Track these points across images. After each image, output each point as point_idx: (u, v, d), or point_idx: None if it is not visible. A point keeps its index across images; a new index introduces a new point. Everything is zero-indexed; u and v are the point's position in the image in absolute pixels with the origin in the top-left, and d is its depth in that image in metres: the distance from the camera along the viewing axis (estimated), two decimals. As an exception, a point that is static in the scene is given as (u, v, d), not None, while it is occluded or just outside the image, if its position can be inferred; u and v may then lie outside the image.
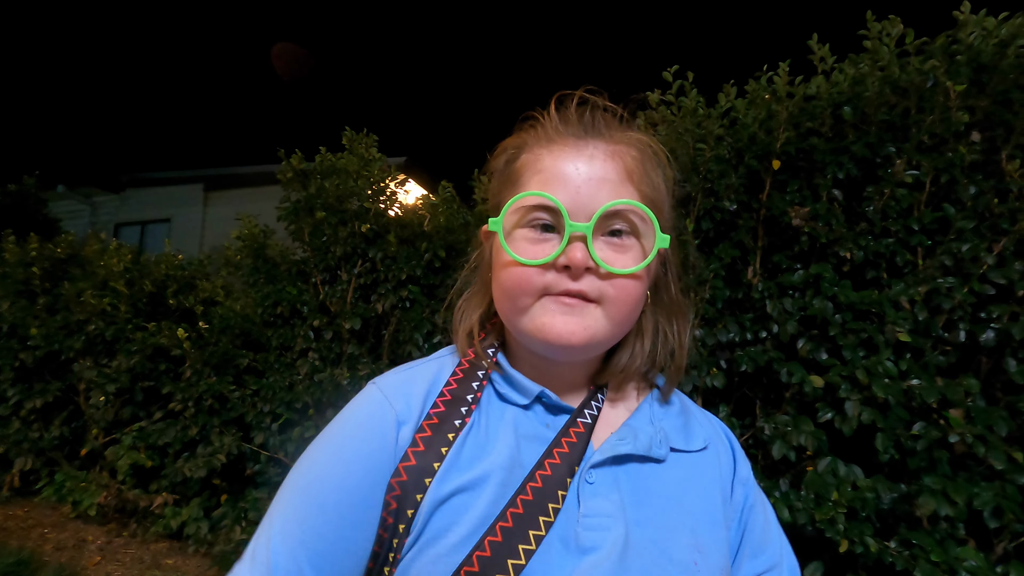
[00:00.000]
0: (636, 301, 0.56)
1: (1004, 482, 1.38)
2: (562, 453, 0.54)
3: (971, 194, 1.58)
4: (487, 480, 0.52)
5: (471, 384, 0.59)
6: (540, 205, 0.54)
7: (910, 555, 1.40)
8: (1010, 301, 1.50)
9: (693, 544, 0.53)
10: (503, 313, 0.59)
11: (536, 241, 0.54)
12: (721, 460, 0.62)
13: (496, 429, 0.57)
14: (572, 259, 0.51)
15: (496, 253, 0.58)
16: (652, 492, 0.55)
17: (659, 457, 0.57)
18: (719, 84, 2.09)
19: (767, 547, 0.60)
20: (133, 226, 11.26)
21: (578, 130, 0.58)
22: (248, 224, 3.25)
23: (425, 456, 0.53)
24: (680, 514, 0.55)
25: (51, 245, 4.20)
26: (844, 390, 1.54)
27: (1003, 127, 1.61)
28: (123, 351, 3.39)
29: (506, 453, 0.54)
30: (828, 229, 1.70)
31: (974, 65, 1.68)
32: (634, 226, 0.55)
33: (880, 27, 1.85)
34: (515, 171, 0.59)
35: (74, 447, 3.72)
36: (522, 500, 0.51)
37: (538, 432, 0.57)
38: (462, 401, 0.57)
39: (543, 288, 0.53)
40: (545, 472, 0.53)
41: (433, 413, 0.56)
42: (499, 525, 0.49)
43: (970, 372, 1.53)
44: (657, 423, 0.61)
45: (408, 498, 0.52)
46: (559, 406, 0.59)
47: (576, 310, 0.53)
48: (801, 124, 1.85)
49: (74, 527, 3.26)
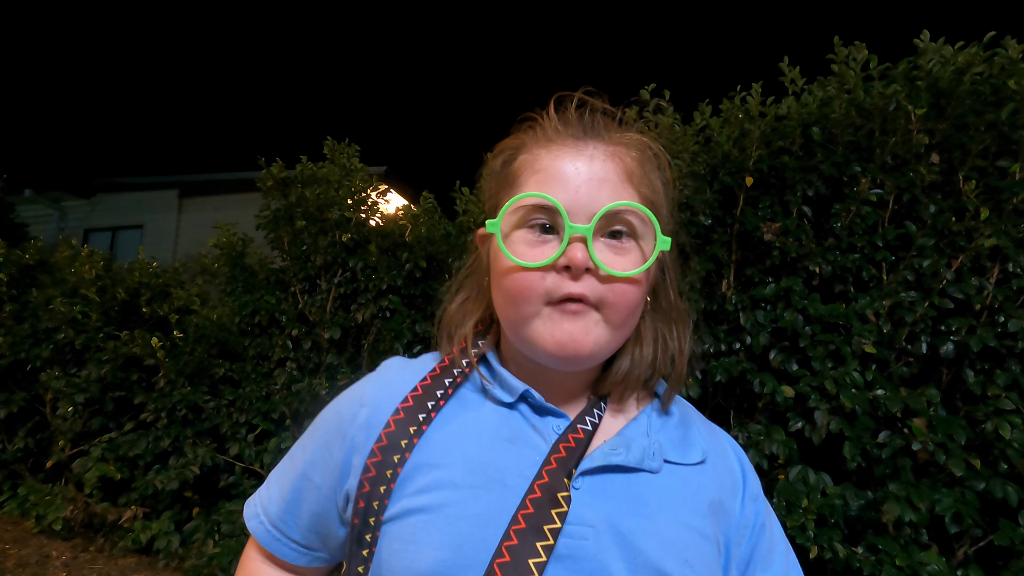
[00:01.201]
0: (635, 305, 0.55)
1: (963, 488, 1.44)
2: (560, 459, 0.53)
3: (931, 212, 1.66)
4: (448, 481, 0.52)
5: (443, 381, 0.59)
6: (539, 206, 0.53)
7: (876, 560, 1.45)
8: (968, 315, 1.58)
9: (683, 559, 0.51)
10: (506, 321, 0.57)
11: (535, 243, 0.53)
12: (721, 476, 0.60)
13: (472, 427, 0.56)
14: (572, 259, 0.50)
15: (495, 257, 0.57)
16: (642, 503, 0.53)
17: (652, 469, 0.55)
18: (694, 103, 2.16)
19: (773, 561, 0.59)
20: (104, 232, 11.00)
21: (577, 131, 0.56)
22: (226, 232, 3.21)
23: (387, 450, 0.55)
24: (671, 527, 0.53)
25: (19, 251, 4.09)
26: (814, 400, 1.60)
27: (960, 150, 1.70)
28: (93, 360, 3.30)
29: (477, 454, 0.54)
30: (798, 244, 1.76)
31: (933, 90, 1.77)
32: (633, 228, 0.54)
33: (847, 52, 1.94)
34: (512, 172, 0.58)
35: (39, 459, 3.60)
36: (520, 521, 0.49)
37: (521, 433, 0.56)
38: (431, 396, 0.58)
39: (545, 294, 0.52)
40: (544, 480, 0.51)
41: (401, 408, 0.57)
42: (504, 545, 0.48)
43: (931, 383, 1.60)
44: (653, 435, 0.59)
45: (375, 489, 0.54)
46: (544, 407, 0.57)
47: (579, 316, 0.52)
48: (773, 143, 1.92)
49: (37, 542, 3.15)
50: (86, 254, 3.88)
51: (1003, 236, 1.52)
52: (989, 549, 1.48)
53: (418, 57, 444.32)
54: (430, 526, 0.50)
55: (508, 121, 0.65)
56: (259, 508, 0.63)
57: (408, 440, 0.55)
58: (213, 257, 3.32)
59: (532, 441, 0.55)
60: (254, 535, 0.63)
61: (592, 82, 0.62)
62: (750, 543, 0.58)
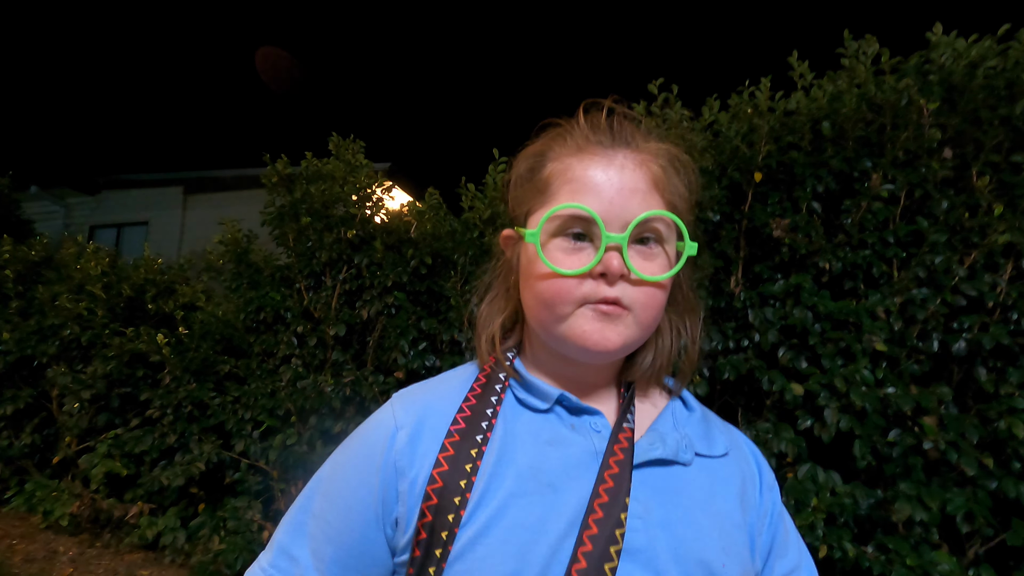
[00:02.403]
0: (661, 305, 0.58)
1: (975, 487, 1.43)
2: (619, 461, 0.55)
3: (943, 208, 1.64)
4: (503, 491, 0.53)
5: (490, 398, 0.60)
6: (576, 216, 0.55)
7: (886, 559, 1.44)
8: (980, 312, 1.56)
9: (721, 546, 0.54)
10: (538, 321, 0.59)
11: (570, 251, 0.55)
12: (742, 467, 0.63)
13: (515, 437, 0.57)
14: (609, 267, 0.53)
15: (529, 262, 0.59)
16: (680, 494, 0.56)
17: (685, 461, 0.58)
18: (703, 97, 2.14)
19: (789, 550, 0.62)
20: (109, 229, 11.02)
21: (607, 138, 0.58)
22: (231, 229, 3.21)
23: (451, 475, 0.54)
24: (707, 516, 0.56)
25: (25, 247, 4.11)
26: (823, 398, 1.58)
27: (973, 144, 1.68)
28: (99, 357, 3.32)
29: (525, 461, 0.55)
30: (807, 241, 1.74)
31: (946, 85, 1.75)
32: (660, 234, 0.57)
33: (857, 46, 1.92)
34: (543, 180, 0.59)
35: (45, 455, 3.62)
36: (589, 537, 0.50)
37: (560, 435, 0.57)
38: (482, 415, 0.58)
39: (582, 298, 0.55)
40: (608, 485, 0.53)
41: (454, 430, 0.57)
42: (575, 568, 0.49)
43: (943, 381, 1.58)
44: (681, 428, 0.62)
45: (442, 517, 0.52)
46: (580, 407, 0.59)
47: (613, 318, 0.55)
48: (782, 138, 1.90)
49: (44, 538, 3.17)
50: (92, 251, 3.90)
51: (1017, 232, 1.50)
52: (1001, 549, 1.46)
53: (423, 53, 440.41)
54: (493, 541, 0.51)
55: (514, 117, 0.68)
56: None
57: (472, 464, 0.54)
58: (218, 254, 3.32)
59: (573, 441, 0.57)
60: None
61: (600, 77, 0.63)
62: (770, 532, 0.61)
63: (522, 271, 0.61)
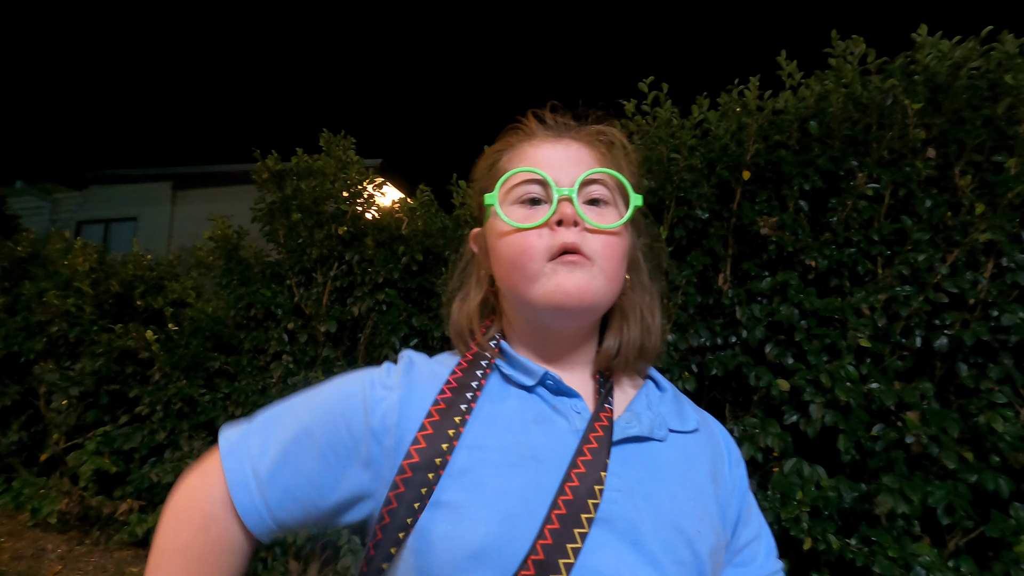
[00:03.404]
0: (621, 257, 0.63)
1: (956, 481, 1.46)
2: (599, 438, 0.58)
3: (927, 207, 1.67)
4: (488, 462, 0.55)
5: (475, 372, 0.63)
6: (528, 179, 0.61)
7: (869, 552, 1.47)
8: (962, 309, 1.58)
9: (696, 515, 0.58)
10: (512, 287, 0.62)
11: (528, 215, 0.61)
12: (711, 442, 0.67)
13: (503, 414, 0.60)
14: (563, 214, 0.58)
15: (492, 231, 0.64)
16: (658, 468, 0.60)
17: (660, 437, 0.62)
18: (692, 96, 2.16)
19: (752, 520, 0.66)
20: (96, 224, 10.89)
21: (555, 130, 0.67)
22: (221, 225, 3.19)
23: (434, 439, 0.56)
24: (683, 487, 0.59)
25: (11, 243, 4.06)
26: (808, 393, 1.61)
27: (956, 144, 1.70)
28: (87, 353, 3.29)
29: (511, 436, 0.58)
30: (794, 238, 1.76)
31: (930, 85, 1.77)
32: (611, 196, 0.63)
33: (844, 46, 1.94)
34: (500, 167, 0.66)
35: (33, 453, 3.59)
36: (563, 501, 0.53)
37: (544, 414, 0.60)
38: (467, 388, 0.61)
39: (545, 251, 0.59)
40: (586, 457, 0.56)
41: (440, 399, 0.59)
42: (548, 528, 0.51)
43: (925, 376, 1.61)
44: (655, 408, 0.66)
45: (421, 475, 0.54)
46: (560, 388, 0.62)
47: (579, 267, 0.59)
48: (770, 137, 1.92)
49: (32, 535, 3.15)
50: (79, 246, 3.85)
51: (998, 231, 1.53)
52: (980, 540, 1.49)
53: (414, 49, 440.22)
54: (476, 504, 0.53)
55: (505, 113, 0.73)
56: (248, 466, 0.56)
57: (448, 444, 0.56)
58: (208, 250, 3.30)
59: (556, 420, 0.60)
60: (237, 502, 0.55)
61: (590, 75, 0.67)
62: (739, 504, 0.65)
63: (490, 247, 0.65)
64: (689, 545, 0.55)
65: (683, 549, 0.55)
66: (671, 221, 1.97)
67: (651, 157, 2.08)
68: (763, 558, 0.65)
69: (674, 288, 1.89)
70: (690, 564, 0.55)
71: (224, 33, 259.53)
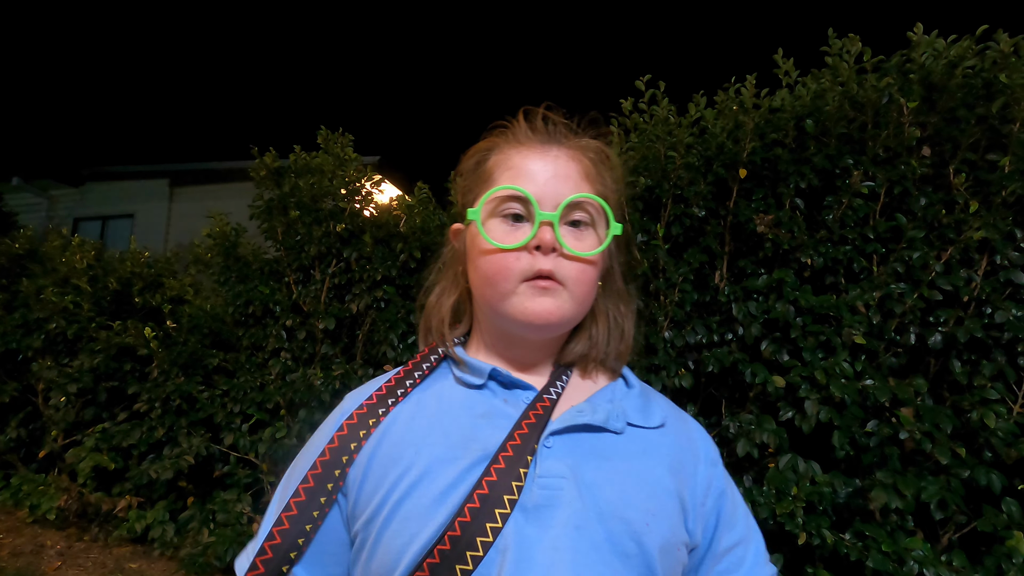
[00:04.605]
0: (593, 282, 0.64)
1: (949, 476, 1.47)
2: (530, 424, 0.58)
3: (921, 205, 1.68)
4: (432, 458, 0.57)
5: (415, 372, 0.66)
6: (512, 196, 0.62)
7: (863, 546, 1.48)
8: (956, 306, 1.60)
9: (646, 508, 0.57)
10: (485, 299, 0.64)
11: (509, 231, 0.61)
12: (680, 440, 0.66)
13: (450, 411, 0.62)
14: (543, 240, 0.59)
15: (473, 244, 0.65)
16: (609, 458, 0.59)
17: (616, 429, 0.62)
18: (689, 94, 2.16)
19: (737, 524, 0.65)
20: (93, 221, 10.86)
21: (543, 136, 0.66)
22: (219, 222, 3.20)
23: (355, 427, 0.60)
24: (633, 479, 0.59)
25: (8, 240, 4.05)
26: (804, 390, 1.62)
27: (951, 143, 1.72)
28: (86, 350, 3.29)
29: (459, 431, 0.59)
30: (790, 236, 1.78)
31: (926, 84, 1.78)
32: (591, 218, 0.63)
33: (841, 44, 1.95)
34: (486, 170, 0.67)
35: (31, 449, 3.59)
36: (487, 482, 0.54)
37: (494, 408, 0.62)
38: (402, 385, 0.64)
39: (520, 272, 0.60)
40: (515, 442, 0.57)
41: (375, 395, 0.63)
42: (468, 506, 0.52)
43: (919, 373, 1.62)
44: (617, 402, 0.65)
45: (335, 465, 0.58)
46: (512, 381, 0.64)
47: (550, 292, 0.60)
48: (766, 135, 1.93)
49: (31, 532, 3.16)
50: (77, 243, 3.85)
51: (991, 229, 1.54)
52: (973, 535, 1.51)
53: (412, 46, 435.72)
54: (418, 496, 0.55)
55: (502, 110, 0.72)
56: None
57: (358, 442, 0.59)
58: (206, 247, 3.30)
59: (505, 412, 0.61)
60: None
61: (587, 73, 0.67)
62: (715, 506, 0.64)
63: (468, 254, 0.67)
64: (635, 537, 0.55)
65: (627, 541, 0.54)
66: (668, 219, 1.98)
67: (648, 155, 2.09)
68: (750, 564, 0.64)
69: (671, 285, 1.91)
70: (635, 557, 0.54)
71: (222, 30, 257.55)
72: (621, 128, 2.22)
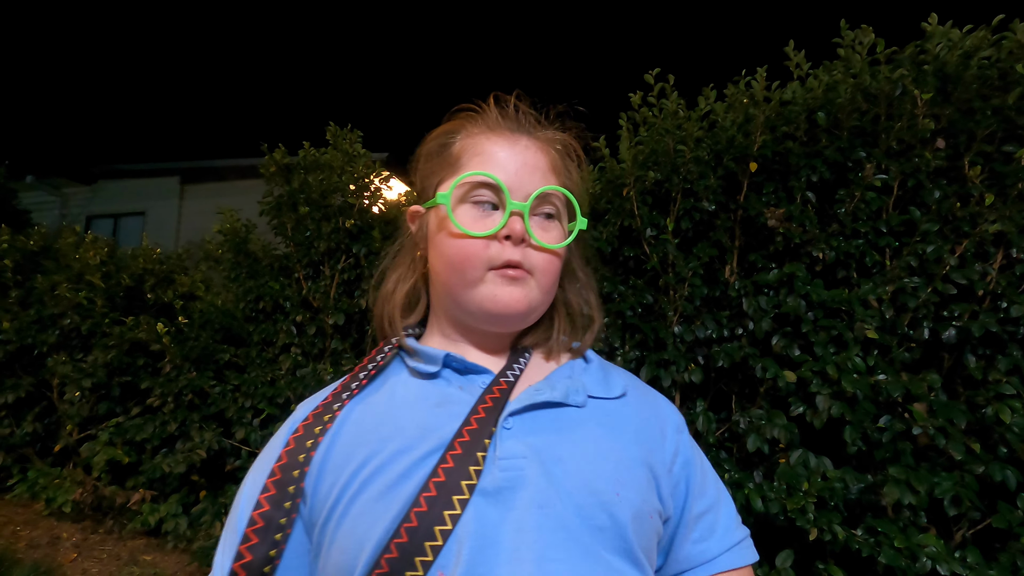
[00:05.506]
0: (558, 272, 0.65)
1: (963, 472, 1.46)
2: (487, 408, 0.57)
3: (936, 198, 1.66)
4: (386, 452, 0.55)
5: (368, 366, 0.65)
6: (483, 183, 0.61)
7: (875, 542, 1.47)
8: (971, 300, 1.58)
9: (615, 477, 0.56)
10: (449, 286, 0.63)
11: (479, 217, 0.61)
12: (643, 408, 0.66)
13: (404, 403, 0.61)
14: (513, 230, 0.59)
15: (439, 228, 0.64)
16: (571, 432, 0.59)
17: (577, 403, 0.61)
18: (699, 87, 2.14)
19: (707, 490, 0.65)
20: (105, 219, 10.99)
21: (513, 125, 0.66)
22: (230, 218, 3.22)
23: (310, 426, 0.58)
24: (599, 451, 0.58)
25: (23, 237, 4.10)
26: (815, 385, 1.61)
27: (966, 135, 1.69)
28: (99, 345, 3.33)
29: (414, 422, 0.58)
30: (802, 230, 1.76)
31: (940, 75, 1.76)
32: (558, 210, 0.65)
33: (853, 36, 1.92)
34: (452, 154, 0.65)
35: (47, 443, 3.64)
36: (443, 469, 0.52)
37: (449, 395, 0.61)
38: (355, 379, 0.63)
39: (488, 260, 0.60)
40: (472, 427, 0.55)
41: (330, 395, 0.62)
42: (424, 495, 0.51)
43: (933, 368, 1.61)
44: (576, 377, 0.65)
45: (293, 466, 0.56)
46: (468, 367, 0.63)
47: (518, 282, 0.61)
48: (777, 128, 1.91)
49: (47, 524, 3.21)
50: (90, 240, 3.89)
51: (1007, 222, 1.52)
52: (987, 532, 1.50)
53: (420, 42, 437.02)
54: (372, 492, 0.53)
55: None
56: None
57: (314, 440, 0.57)
58: (217, 243, 3.33)
59: (461, 399, 0.60)
60: None
61: (596, 67, 0.67)
62: (684, 472, 0.64)
63: (431, 239, 0.66)
64: (605, 508, 0.54)
65: (599, 513, 0.53)
66: (677, 213, 1.97)
67: (657, 149, 2.07)
68: (723, 529, 0.64)
69: (680, 280, 1.90)
70: (608, 529, 0.53)
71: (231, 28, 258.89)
72: (630, 122, 2.21)
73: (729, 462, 1.76)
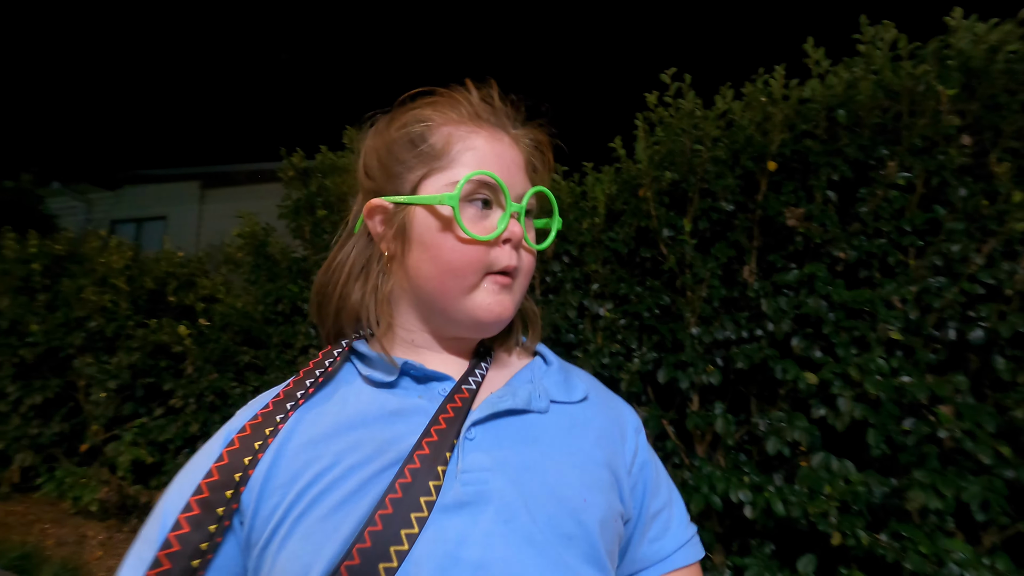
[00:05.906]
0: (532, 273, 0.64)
1: (991, 476, 1.42)
2: (448, 418, 0.54)
3: (961, 196, 1.62)
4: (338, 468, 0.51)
5: (315, 371, 0.60)
6: (485, 183, 0.58)
7: (900, 547, 1.44)
8: (998, 300, 1.54)
9: (581, 483, 0.55)
10: (439, 292, 0.59)
11: (477, 219, 0.58)
12: (603, 411, 0.65)
13: (358, 413, 0.56)
14: (514, 234, 0.58)
15: (438, 230, 0.58)
16: (538, 440, 0.57)
17: (540, 409, 0.59)
18: (716, 86, 2.12)
19: (660, 489, 0.66)
20: (128, 224, 11.24)
21: (495, 118, 0.63)
22: (249, 222, 3.27)
23: (247, 439, 0.53)
24: (566, 457, 0.57)
25: (50, 241, 4.21)
26: (837, 387, 1.58)
27: (992, 131, 1.65)
28: (123, 348, 3.40)
29: (369, 434, 0.54)
30: (822, 229, 1.73)
31: (965, 70, 1.72)
32: (535, 209, 0.64)
33: (874, 32, 1.89)
34: (435, 146, 0.59)
35: (73, 443, 3.73)
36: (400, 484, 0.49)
37: (408, 405, 0.57)
38: (300, 388, 0.58)
39: (487, 265, 0.58)
40: (432, 439, 0.52)
41: (271, 401, 0.57)
42: (379, 514, 0.48)
43: (959, 370, 1.57)
44: (537, 381, 0.63)
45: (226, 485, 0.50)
46: (427, 374, 0.59)
47: (508, 289, 0.60)
48: (796, 126, 1.88)
49: (74, 523, 3.28)
50: (114, 245, 3.98)
51: (1036, 220, 1.48)
52: (1018, 538, 1.46)
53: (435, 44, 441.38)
54: (323, 509, 0.49)
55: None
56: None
57: (253, 456, 0.52)
58: (237, 247, 3.38)
59: (421, 407, 0.57)
60: None
61: (612, 66, 0.66)
62: (643, 473, 0.64)
63: (416, 240, 0.59)
64: (574, 516, 0.52)
65: (567, 521, 0.52)
66: (695, 213, 1.95)
67: (674, 149, 2.06)
68: (675, 527, 0.64)
69: (698, 281, 1.88)
70: (578, 537, 0.52)
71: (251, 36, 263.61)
72: (646, 122, 2.19)
73: (749, 465, 1.73)
